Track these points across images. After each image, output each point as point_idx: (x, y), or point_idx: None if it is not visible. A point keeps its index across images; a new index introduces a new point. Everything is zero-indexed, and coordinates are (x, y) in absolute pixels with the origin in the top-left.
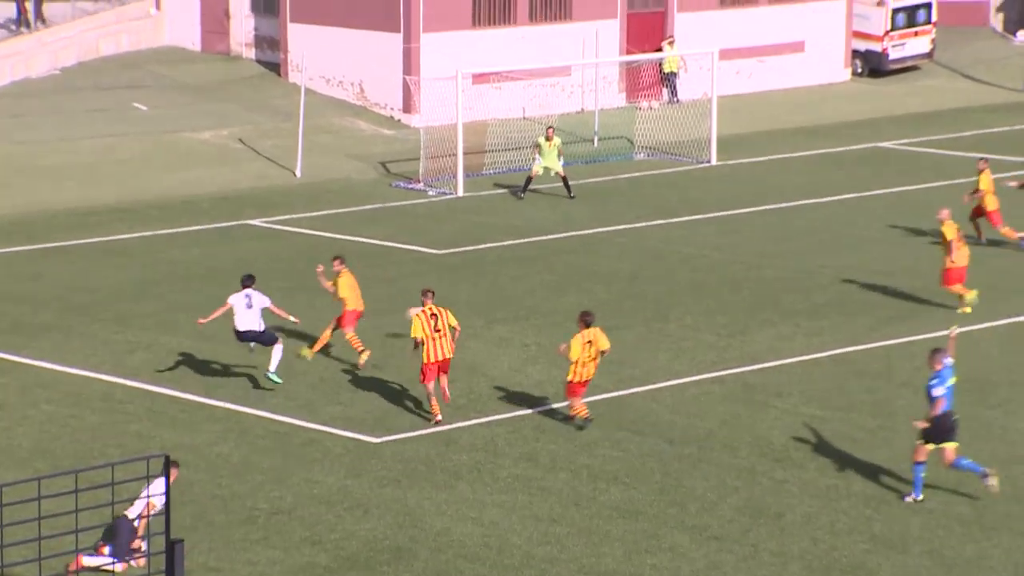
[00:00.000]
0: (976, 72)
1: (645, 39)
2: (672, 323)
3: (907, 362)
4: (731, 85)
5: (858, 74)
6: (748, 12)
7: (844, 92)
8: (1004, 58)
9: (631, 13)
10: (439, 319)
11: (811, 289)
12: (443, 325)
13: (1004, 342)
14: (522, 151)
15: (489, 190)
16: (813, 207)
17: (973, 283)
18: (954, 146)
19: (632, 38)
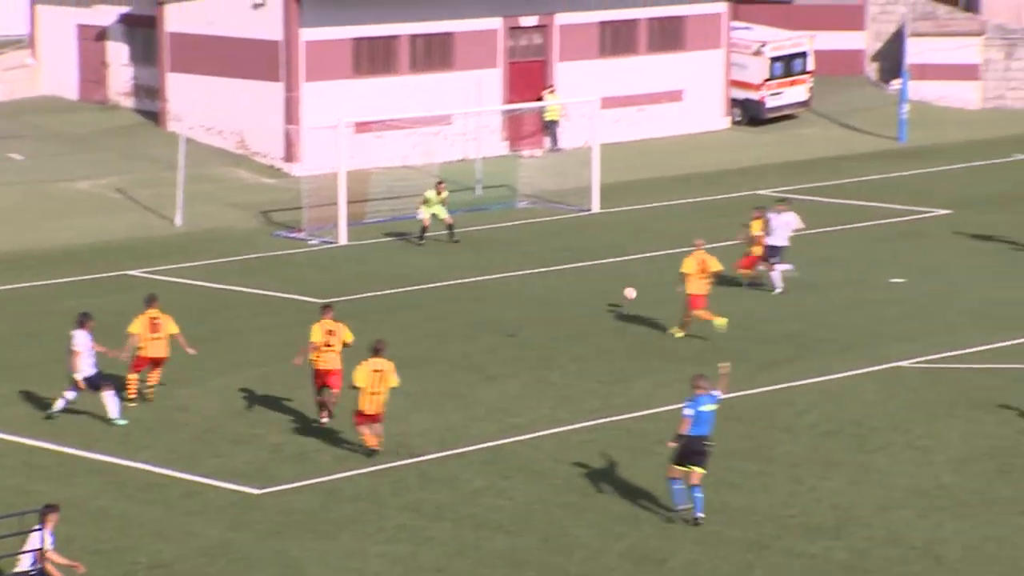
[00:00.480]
0: (852, 121)
1: (526, 88)
2: (556, 371)
3: (786, 407)
4: (612, 133)
5: (737, 122)
6: (628, 61)
7: (723, 140)
8: (879, 107)
9: (512, 62)
10: (334, 334)
11: (691, 336)
12: (335, 340)
13: (883, 387)
14: (405, 199)
15: (372, 238)
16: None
17: (856, 329)
18: (833, 193)
19: (514, 87)
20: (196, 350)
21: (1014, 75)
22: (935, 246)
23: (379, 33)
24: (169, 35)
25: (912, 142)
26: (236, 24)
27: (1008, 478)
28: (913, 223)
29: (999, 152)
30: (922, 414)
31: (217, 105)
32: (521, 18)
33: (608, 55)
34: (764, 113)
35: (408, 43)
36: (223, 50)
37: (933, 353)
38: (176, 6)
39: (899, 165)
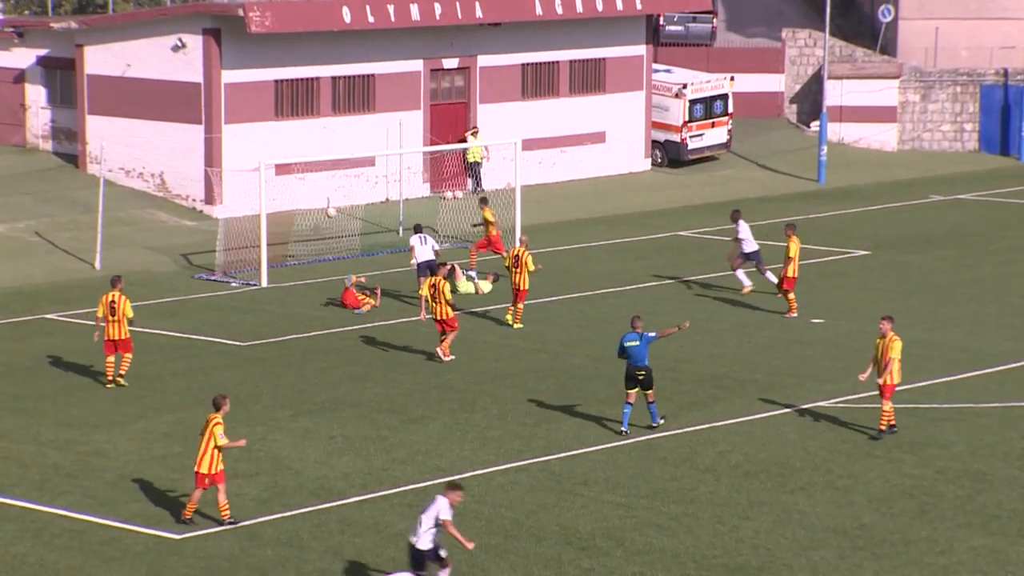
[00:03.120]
0: (772, 162)
1: (449, 129)
2: (478, 412)
3: (709, 448)
4: (534, 175)
5: (658, 164)
6: (550, 103)
7: (645, 181)
8: (799, 148)
9: (434, 104)
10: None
11: (615, 376)
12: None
13: (803, 427)
14: (327, 242)
15: (293, 280)
16: (615, 295)
17: (777, 369)
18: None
19: (436, 128)
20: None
21: (930, 117)
22: (853, 287)
23: (300, 75)
24: (88, 77)
25: (831, 183)
26: (156, 66)
27: (927, 517)
28: (832, 264)
29: (917, 193)
30: (842, 454)
31: (137, 147)
32: (443, 60)
33: (530, 97)
34: (685, 155)
35: (329, 85)
36: (143, 92)
37: (852, 393)
38: (95, 48)
39: (818, 206)
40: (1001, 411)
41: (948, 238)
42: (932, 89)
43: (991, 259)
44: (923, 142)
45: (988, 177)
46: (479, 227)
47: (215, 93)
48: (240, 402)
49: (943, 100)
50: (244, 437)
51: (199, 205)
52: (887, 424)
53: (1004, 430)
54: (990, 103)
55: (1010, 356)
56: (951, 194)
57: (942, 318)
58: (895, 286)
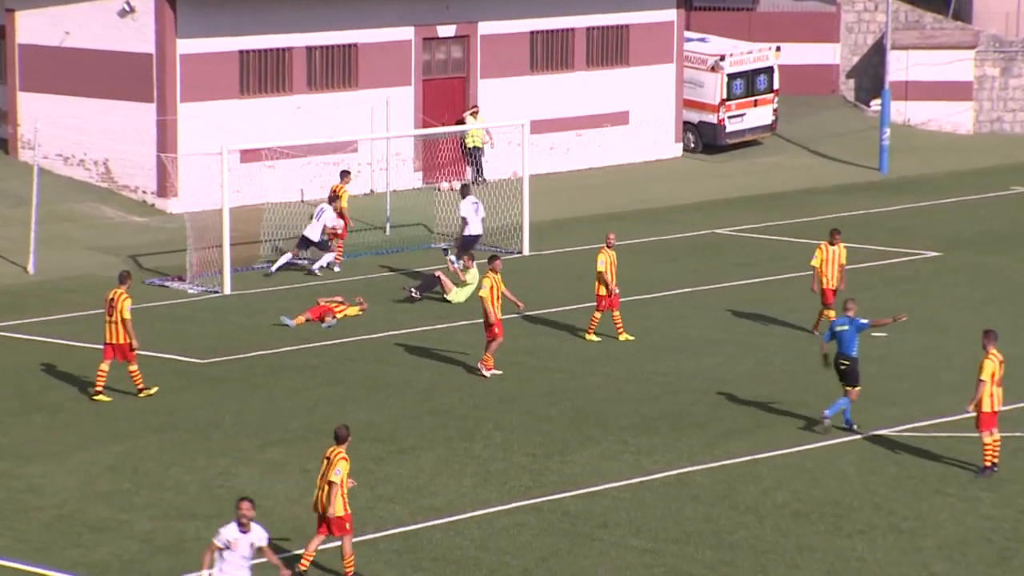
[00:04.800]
0: (825, 147)
1: (444, 109)
2: (479, 442)
3: (751, 484)
4: (545, 162)
5: (690, 149)
6: (563, 78)
7: (675, 170)
8: (856, 131)
9: (427, 79)
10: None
11: (640, 400)
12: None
13: (862, 460)
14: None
15: (262, 287)
16: (641, 304)
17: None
18: (803, 233)
19: (429, 108)
20: (138, 344)
21: (1012, 94)
22: (922, 294)
23: (270, 45)
24: (20, 47)
25: (895, 172)
26: (100, 35)
27: (1008, 566)
28: (897, 267)
29: (996, 184)
30: (908, 491)
31: (78, 131)
32: (438, 27)
33: (540, 71)
34: (722, 138)
35: (304, 56)
36: (85, 65)
37: (921, 420)
38: (28, 14)
39: (880, 199)
40: None
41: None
42: (1014, 61)
43: None
44: (1003, 124)
45: None
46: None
47: (169, 66)
48: (199, 429)
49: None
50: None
51: (150, 198)
52: (990, 461)
53: None
54: None
55: None
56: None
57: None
58: (970, 292)
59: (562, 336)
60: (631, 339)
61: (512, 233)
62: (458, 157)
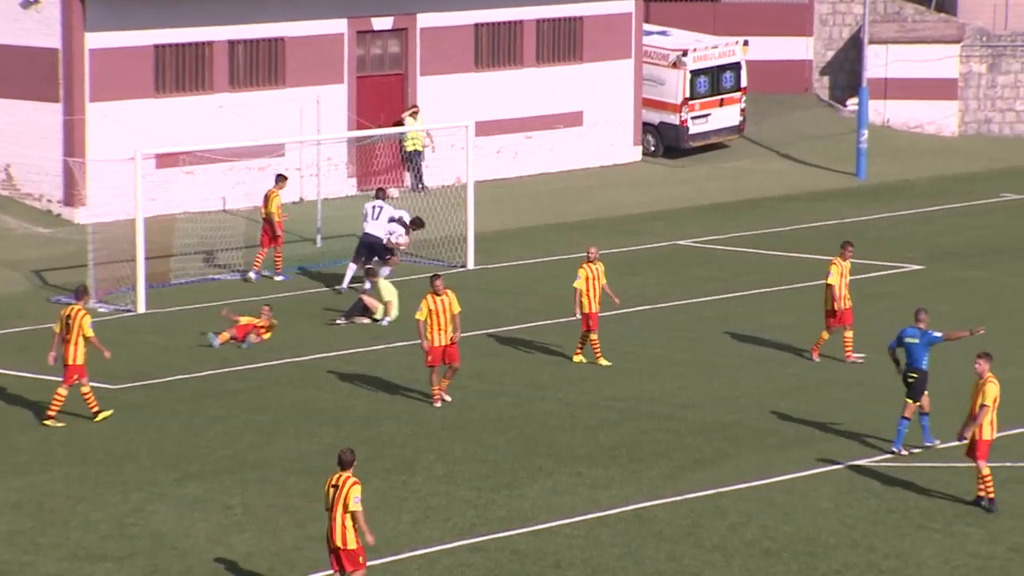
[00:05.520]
0: (798, 151)
1: (381, 109)
2: (419, 474)
3: (717, 520)
4: (491, 167)
5: (650, 153)
6: (511, 75)
7: (633, 175)
8: (832, 133)
9: (362, 76)
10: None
11: (596, 427)
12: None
13: (839, 492)
14: (223, 253)
15: (180, 304)
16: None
17: (805, 417)
18: (774, 244)
19: (364, 108)
20: (110, 353)
21: (1000, 93)
22: (903, 311)
23: (188, 38)
24: None
25: (873, 178)
26: (1, 28)
27: None
28: (875, 281)
29: (983, 191)
30: (889, 527)
31: None
32: (373, 19)
33: (486, 67)
34: (685, 141)
35: (226, 52)
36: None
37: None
38: None
39: (857, 207)
40: None
41: (1022, 249)
42: (1003, 57)
43: None
44: (991, 125)
45: None
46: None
47: (77, 62)
48: (111, 461)
49: (1017, 71)
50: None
51: (56, 207)
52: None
53: None
54: None
55: None
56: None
57: (1017, 350)
58: (955, 310)
59: (511, 358)
60: (608, 364)
61: (455, 245)
62: (396, 162)
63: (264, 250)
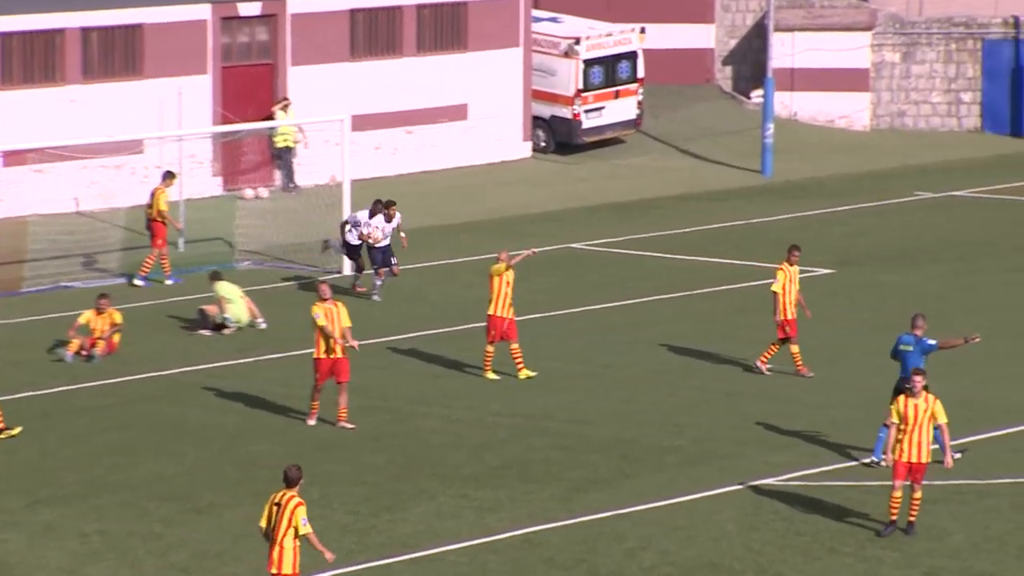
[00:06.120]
0: (699, 147)
1: (248, 102)
2: None
3: (614, 545)
4: (369, 165)
5: (541, 149)
6: (390, 65)
7: (523, 173)
8: (736, 128)
9: (227, 67)
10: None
11: (483, 446)
12: None
13: (745, 514)
14: (76, 258)
15: (28, 315)
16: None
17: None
18: (673, 247)
19: (230, 101)
20: None
21: (915, 84)
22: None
23: (37, 26)
24: None
25: (780, 175)
26: None
27: None
28: None
29: (897, 189)
30: (797, 551)
31: None
32: (239, 4)
33: (362, 57)
34: (578, 136)
35: (79, 40)
36: None
37: (812, 466)
38: None
39: (763, 207)
40: (1013, 488)
41: (941, 250)
42: (917, 46)
43: (1000, 278)
44: (905, 118)
45: (993, 166)
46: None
47: None
48: None
49: (932, 61)
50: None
51: None
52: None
53: (1019, 514)
54: (995, 65)
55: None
56: (944, 189)
57: (935, 361)
58: (870, 316)
59: (392, 370)
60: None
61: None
62: (265, 159)
63: (155, 252)
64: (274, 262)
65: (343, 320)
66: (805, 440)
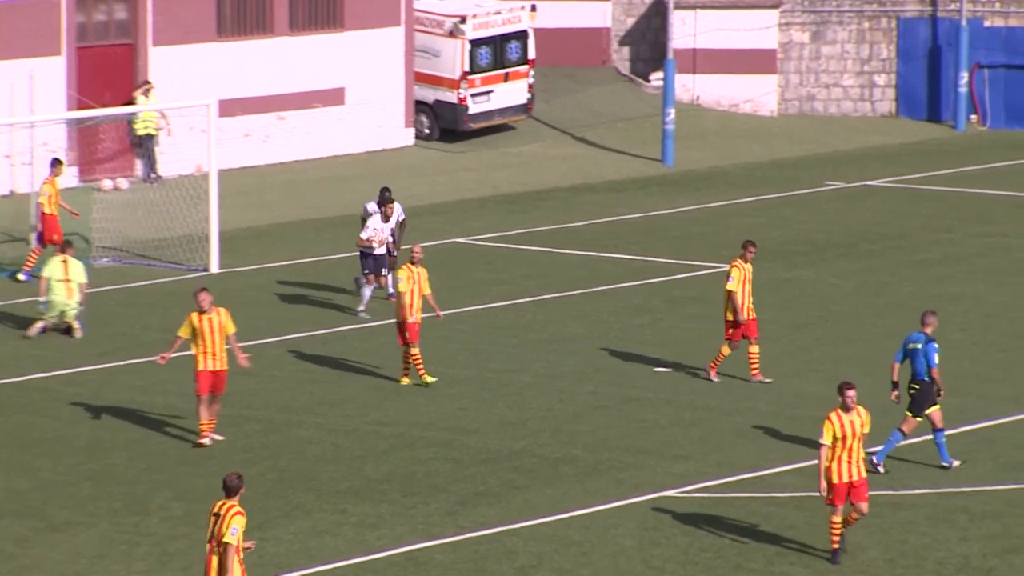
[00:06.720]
0: (594, 134)
1: (106, 85)
2: (153, 515)
3: (504, 562)
4: (239, 153)
5: (425, 136)
6: (261, 45)
7: (405, 162)
8: (634, 114)
9: (83, 47)
10: None
11: (363, 457)
12: None
13: (643, 528)
14: None
15: None
16: (361, 335)
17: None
18: (567, 242)
19: (86, 85)
20: None
21: (825, 66)
22: (714, 318)
23: None
24: None
25: (681, 164)
26: None
27: None
28: (682, 284)
29: (807, 179)
30: (701, 568)
31: None
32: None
33: (230, 36)
34: (465, 122)
35: None
36: None
37: (717, 477)
38: None
39: (663, 199)
40: (933, 500)
41: (853, 244)
42: (827, 24)
43: (916, 275)
44: (815, 102)
45: (910, 154)
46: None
47: None
48: None
49: (844, 41)
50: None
51: None
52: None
53: (936, 528)
54: (911, 45)
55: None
56: (856, 179)
57: (847, 363)
58: (777, 315)
59: (262, 377)
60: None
61: (196, 245)
62: (125, 147)
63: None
64: (135, 259)
65: (227, 327)
66: (709, 449)
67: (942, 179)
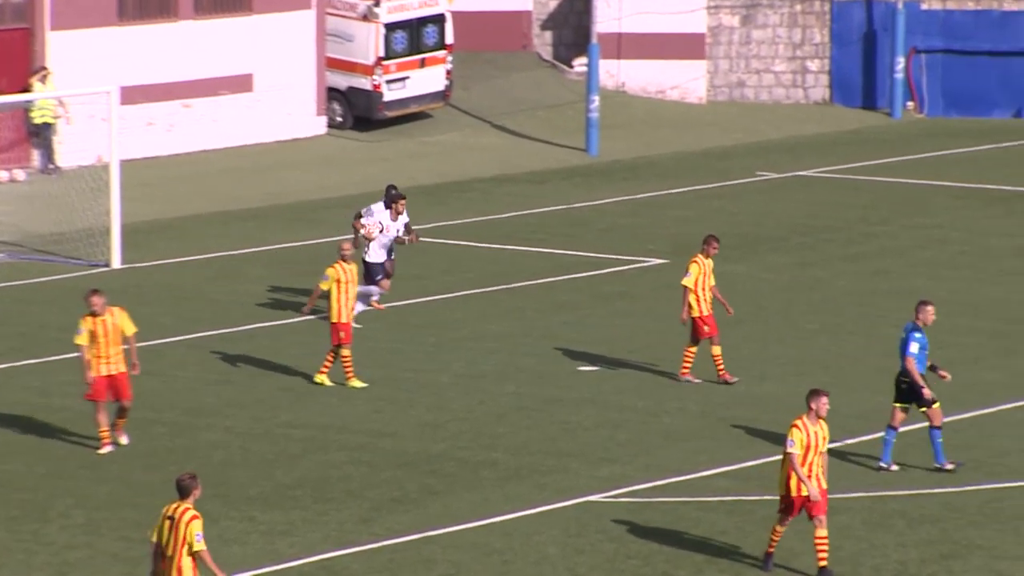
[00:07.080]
0: (515, 122)
1: (0, 72)
2: (53, 523)
3: (422, 571)
4: (141, 143)
5: (338, 124)
6: (164, 29)
7: (318, 152)
8: (557, 101)
9: None
10: None
11: (272, 462)
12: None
13: (568, 534)
14: None
15: None
16: (274, 331)
17: (527, 444)
18: (486, 235)
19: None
20: None
21: (756, 51)
22: (642, 314)
23: None
24: None
25: (606, 154)
26: None
27: None
28: (608, 279)
29: (737, 169)
30: (627, 575)
31: None
32: None
33: (131, 20)
34: (380, 110)
35: None
36: None
37: (643, 480)
38: None
39: (587, 190)
40: (869, 504)
41: (784, 237)
42: (758, 8)
43: (852, 268)
44: (745, 89)
45: (844, 142)
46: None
47: None
48: None
49: (775, 25)
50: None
51: None
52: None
53: (873, 533)
54: (846, 29)
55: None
56: (789, 170)
57: (777, 362)
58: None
59: (166, 378)
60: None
61: (96, 239)
62: (21, 137)
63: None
64: (31, 254)
65: (126, 328)
66: (636, 451)
67: (878, 169)
